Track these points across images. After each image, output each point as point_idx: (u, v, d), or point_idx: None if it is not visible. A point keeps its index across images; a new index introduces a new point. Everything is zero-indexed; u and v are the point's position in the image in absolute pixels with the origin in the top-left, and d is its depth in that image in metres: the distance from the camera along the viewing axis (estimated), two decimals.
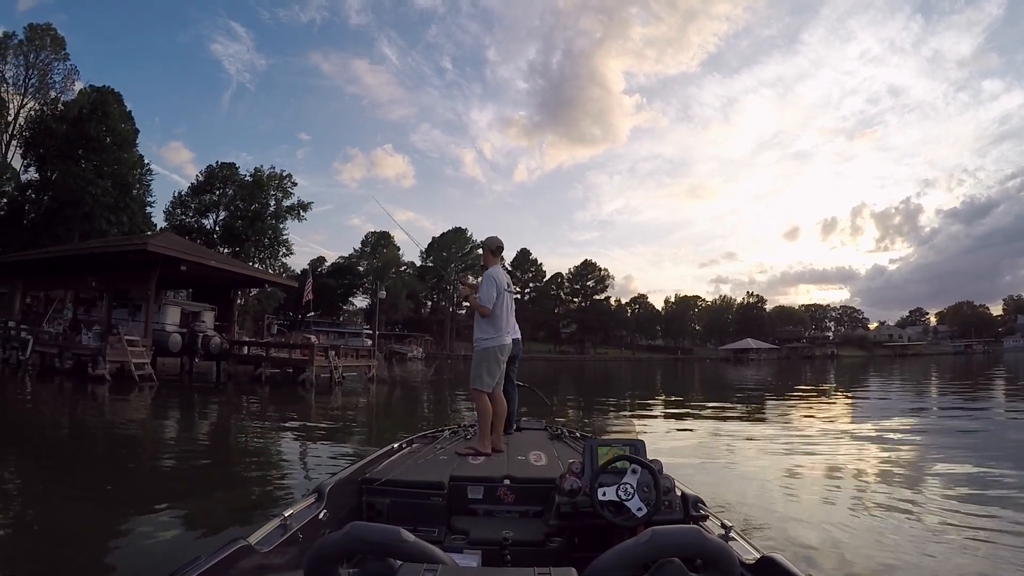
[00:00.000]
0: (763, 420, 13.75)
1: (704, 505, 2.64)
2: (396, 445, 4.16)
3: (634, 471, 2.51)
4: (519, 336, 5.16)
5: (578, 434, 4.85)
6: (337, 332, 58.68)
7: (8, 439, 9.51)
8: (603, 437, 3.71)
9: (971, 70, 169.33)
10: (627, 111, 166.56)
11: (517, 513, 3.19)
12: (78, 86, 41.27)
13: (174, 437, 10.76)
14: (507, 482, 3.30)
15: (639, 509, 2.44)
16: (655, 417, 14.51)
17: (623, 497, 2.47)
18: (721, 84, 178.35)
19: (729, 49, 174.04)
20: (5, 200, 38.19)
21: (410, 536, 1.22)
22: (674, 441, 10.21)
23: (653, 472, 2.50)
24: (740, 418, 13.94)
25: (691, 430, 11.86)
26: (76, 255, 22.68)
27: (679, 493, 2.65)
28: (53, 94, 40.24)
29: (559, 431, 4.89)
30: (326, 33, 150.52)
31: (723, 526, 2.29)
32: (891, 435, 10.40)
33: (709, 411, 15.35)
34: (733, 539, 2.13)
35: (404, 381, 29.51)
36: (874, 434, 10.48)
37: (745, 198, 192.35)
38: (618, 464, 2.55)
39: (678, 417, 14.20)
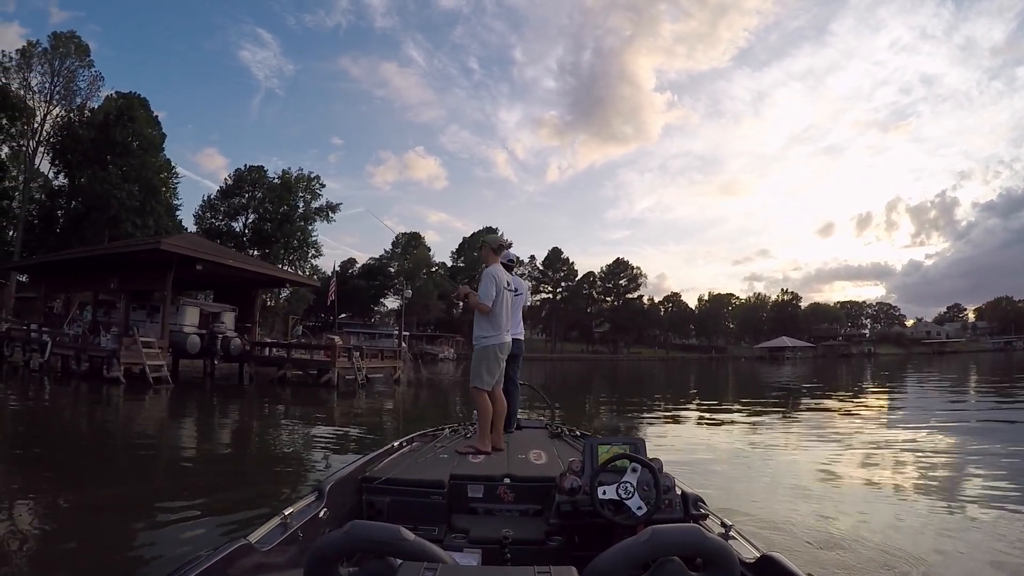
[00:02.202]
0: (801, 422, 12.98)
1: (704, 504, 2.61)
2: (396, 443, 4.09)
3: (634, 470, 2.50)
4: (521, 336, 5.23)
5: (578, 432, 4.76)
6: (368, 333, 59.03)
7: (6, 441, 9.41)
8: (603, 436, 3.48)
9: (1005, 58, 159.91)
10: (658, 109, 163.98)
11: (517, 512, 3.18)
12: (104, 92, 41.54)
13: (174, 441, 10.31)
14: (507, 481, 3.27)
15: (639, 508, 2.43)
16: (689, 419, 13.95)
17: (623, 496, 2.45)
18: (751, 78, 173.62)
19: (759, 43, 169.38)
20: (34, 206, 38.62)
21: (410, 535, 1.19)
22: (709, 444, 9.86)
23: (653, 471, 2.48)
24: (776, 419, 13.33)
25: (727, 431, 11.57)
26: (92, 257, 22.39)
27: (679, 492, 2.62)
28: (79, 100, 40.47)
29: (559, 430, 4.80)
30: (352, 37, 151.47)
31: (723, 525, 2.26)
32: (939, 435, 10.12)
33: (744, 413, 14.83)
34: (733, 538, 2.09)
35: (431, 382, 28.82)
36: (917, 435, 10.15)
37: (778, 194, 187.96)
38: (618, 463, 2.54)
39: (713, 419, 13.66)
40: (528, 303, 5.55)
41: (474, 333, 4.50)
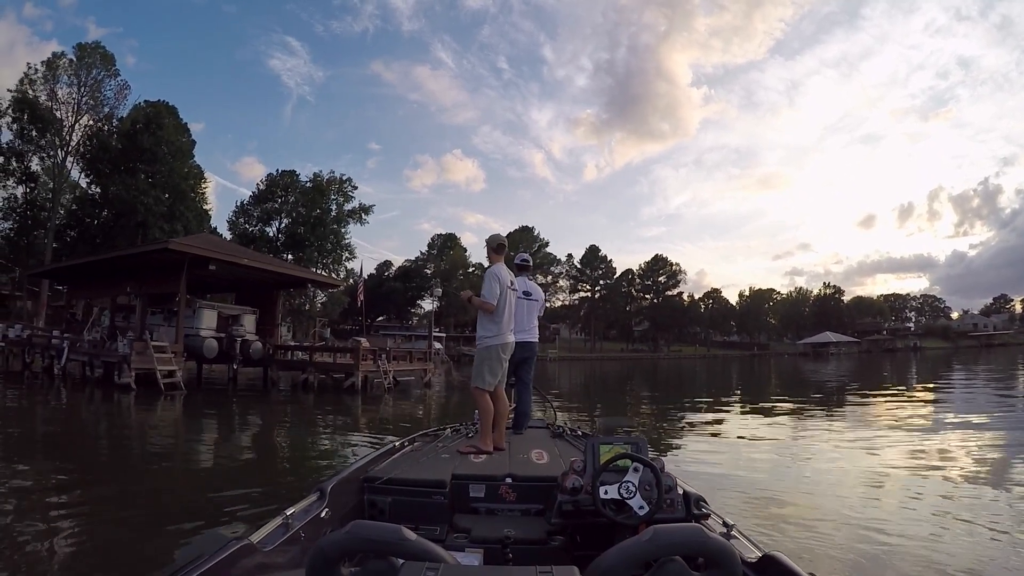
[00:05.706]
0: (853, 427, 12.06)
1: (706, 504, 2.60)
2: (398, 443, 4.06)
3: (636, 469, 2.48)
4: (536, 339, 5.24)
5: (580, 432, 4.74)
6: (404, 335, 58.83)
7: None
8: (605, 435, 2.97)
9: None
10: (695, 104, 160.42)
11: (519, 511, 3.17)
12: (131, 101, 41.60)
13: (167, 451, 9.86)
14: (509, 480, 3.26)
15: (641, 507, 2.41)
16: (732, 420, 13.73)
17: (625, 495, 2.44)
18: (784, 67, 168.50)
19: (792, 31, 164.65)
20: (62, 212, 39.02)
21: (412, 535, 1.20)
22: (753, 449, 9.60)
23: (655, 470, 2.45)
24: (829, 423, 12.69)
25: (772, 438, 11.04)
26: (107, 261, 21.83)
27: (681, 491, 2.60)
28: (106, 110, 40.57)
29: (561, 429, 4.80)
30: (380, 41, 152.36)
31: (725, 524, 2.26)
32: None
33: (791, 415, 14.38)
34: (735, 537, 2.09)
35: (463, 384, 27.58)
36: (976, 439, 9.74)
37: (816, 186, 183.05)
38: (620, 462, 2.52)
39: (757, 419, 13.40)
40: (542, 313, 5.43)
41: (477, 333, 4.51)
